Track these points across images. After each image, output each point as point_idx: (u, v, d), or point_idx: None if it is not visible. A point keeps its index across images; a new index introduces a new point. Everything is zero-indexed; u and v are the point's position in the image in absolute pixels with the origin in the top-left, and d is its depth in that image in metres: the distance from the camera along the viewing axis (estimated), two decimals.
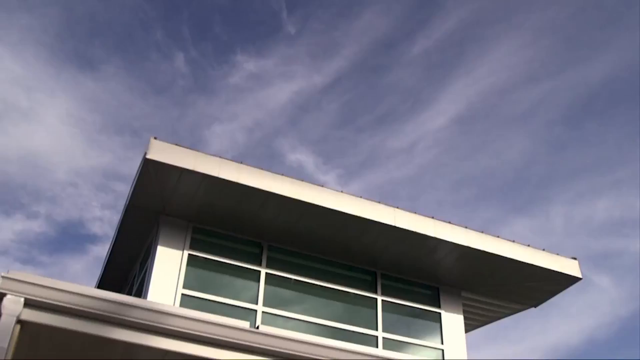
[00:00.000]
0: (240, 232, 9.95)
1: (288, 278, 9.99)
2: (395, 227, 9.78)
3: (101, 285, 11.51)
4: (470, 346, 11.08)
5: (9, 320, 4.44)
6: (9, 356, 4.39)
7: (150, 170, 8.69)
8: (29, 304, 4.54)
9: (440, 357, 10.43)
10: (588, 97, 27.07)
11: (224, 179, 8.92)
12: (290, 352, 5.19)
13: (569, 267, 10.96)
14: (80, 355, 5.31)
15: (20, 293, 4.53)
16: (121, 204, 10.02)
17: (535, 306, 12.03)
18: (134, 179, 9.08)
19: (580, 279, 10.92)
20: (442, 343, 10.60)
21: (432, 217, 10.14)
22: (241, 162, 9.14)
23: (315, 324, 9.72)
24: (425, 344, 10.48)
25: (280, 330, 5.37)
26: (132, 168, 10.27)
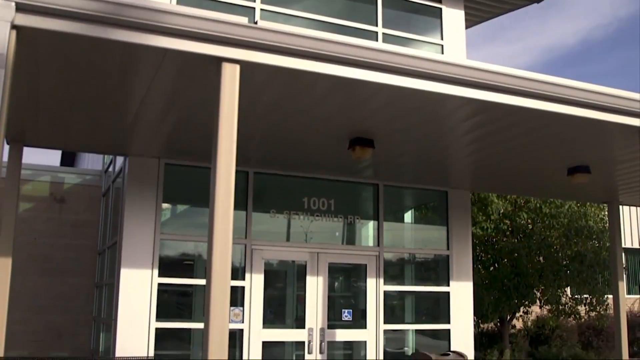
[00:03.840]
0: None
1: None
2: None
3: None
4: (469, 44, 11.12)
5: (3, 26, 4.33)
6: (10, 64, 4.38)
7: None
8: (21, 8, 4.40)
9: (440, 53, 10.50)
10: None
11: None
12: (292, 46, 5.16)
13: None
14: (80, 60, 5.31)
15: None
16: None
17: (538, 1, 11.79)
18: None
19: None
20: (442, 39, 10.58)
21: None
22: None
23: (316, 20, 9.60)
24: (425, 40, 10.48)
25: (280, 25, 5.29)
26: None
